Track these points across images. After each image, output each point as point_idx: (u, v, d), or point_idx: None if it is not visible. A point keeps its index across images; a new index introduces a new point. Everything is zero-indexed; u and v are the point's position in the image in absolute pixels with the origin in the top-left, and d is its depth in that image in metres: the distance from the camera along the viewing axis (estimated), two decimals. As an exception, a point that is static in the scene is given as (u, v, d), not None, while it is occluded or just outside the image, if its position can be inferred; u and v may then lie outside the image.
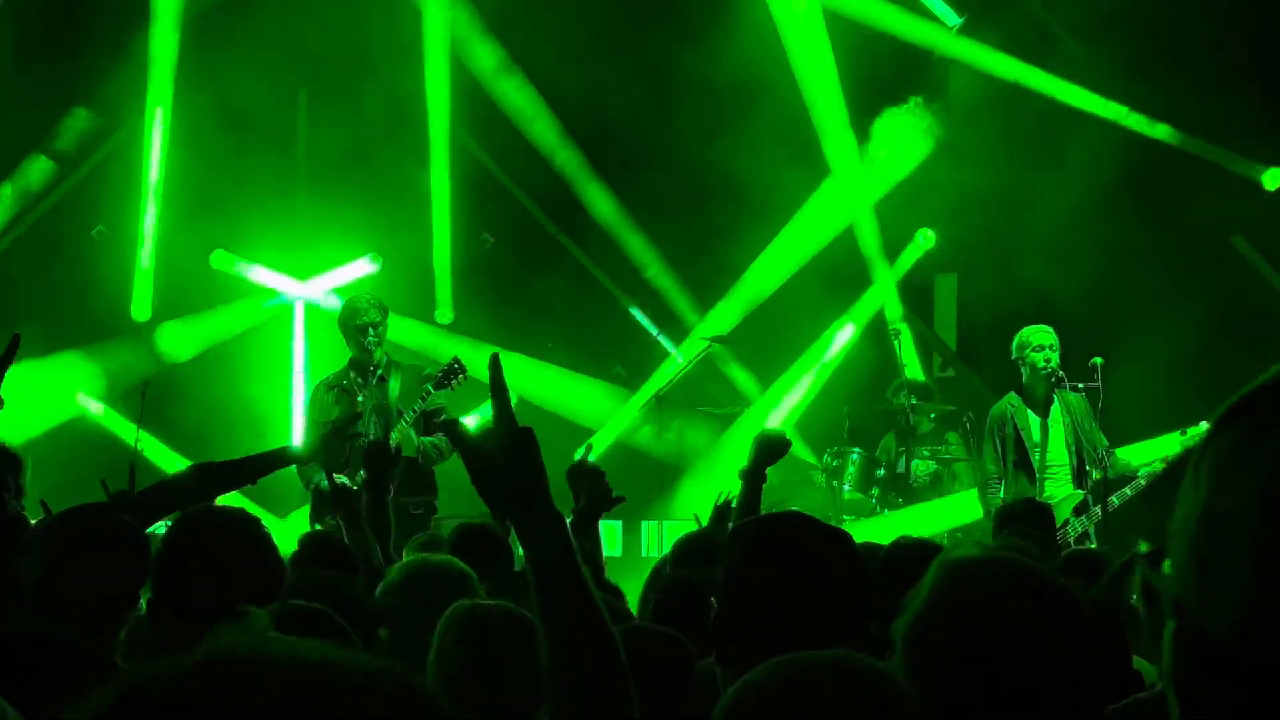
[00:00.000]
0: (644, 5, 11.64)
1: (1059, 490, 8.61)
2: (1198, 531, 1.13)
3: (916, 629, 2.23)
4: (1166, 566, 1.19)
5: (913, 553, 4.00)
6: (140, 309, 11.36)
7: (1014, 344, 8.86)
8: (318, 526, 7.91)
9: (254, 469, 5.72)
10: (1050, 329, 8.73)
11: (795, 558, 2.66)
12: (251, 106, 11.33)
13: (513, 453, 2.60)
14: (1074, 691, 2.26)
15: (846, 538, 2.84)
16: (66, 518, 3.76)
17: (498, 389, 2.62)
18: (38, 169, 11.63)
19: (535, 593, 2.52)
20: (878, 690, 1.93)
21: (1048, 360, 8.47)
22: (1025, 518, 6.50)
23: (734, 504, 5.44)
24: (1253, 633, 1.07)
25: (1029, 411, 8.71)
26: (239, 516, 3.75)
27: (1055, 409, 8.66)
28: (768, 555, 2.70)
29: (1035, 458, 8.72)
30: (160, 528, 5.45)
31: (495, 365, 2.65)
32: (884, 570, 3.74)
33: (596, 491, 5.09)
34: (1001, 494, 8.48)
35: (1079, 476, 8.61)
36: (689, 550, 5.32)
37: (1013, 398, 8.75)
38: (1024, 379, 8.73)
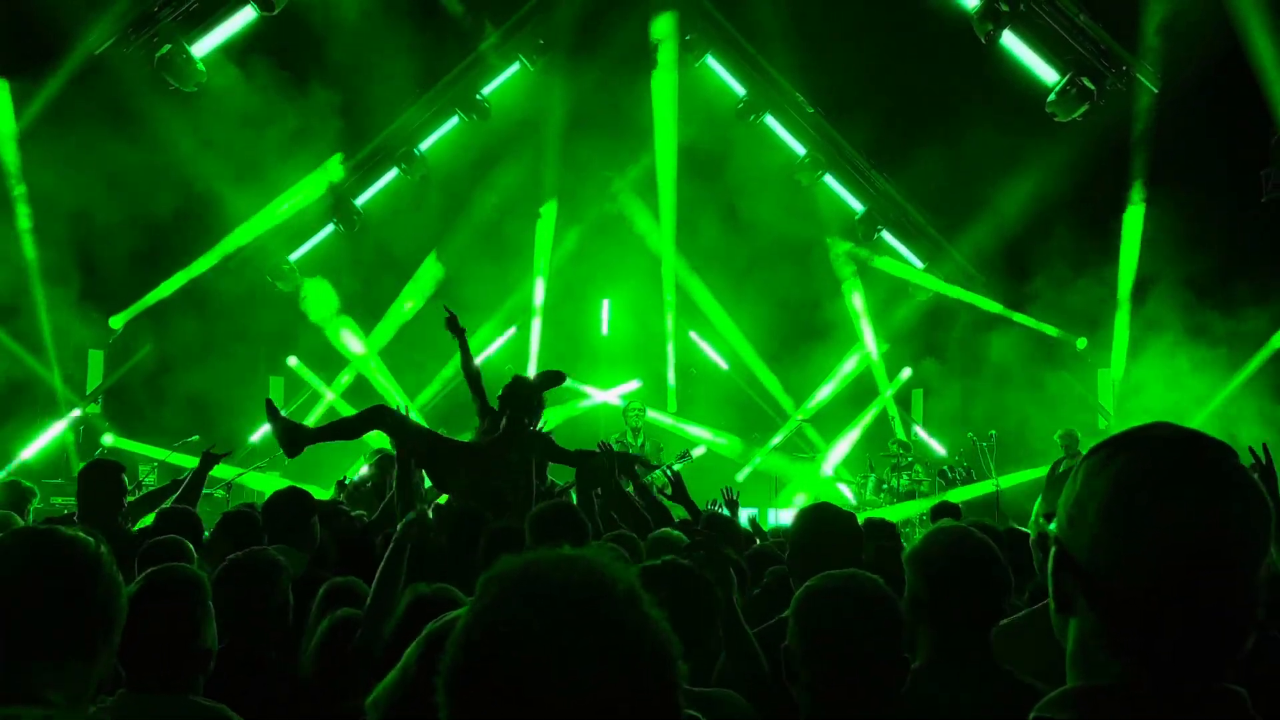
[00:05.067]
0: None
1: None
2: (1072, 504, 1.44)
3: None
4: (1053, 525, 1.49)
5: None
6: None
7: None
8: None
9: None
10: None
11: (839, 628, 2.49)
12: (580, 308, 15.91)
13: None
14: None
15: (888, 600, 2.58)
16: None
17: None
18: (490, 328, 15.82)
19: None
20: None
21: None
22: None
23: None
24: (1094, 557, 1.39)
25: None
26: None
27: None
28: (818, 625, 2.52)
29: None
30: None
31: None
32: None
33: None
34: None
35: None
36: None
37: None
38: None
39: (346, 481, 7.90)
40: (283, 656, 3.62)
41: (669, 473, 8.13)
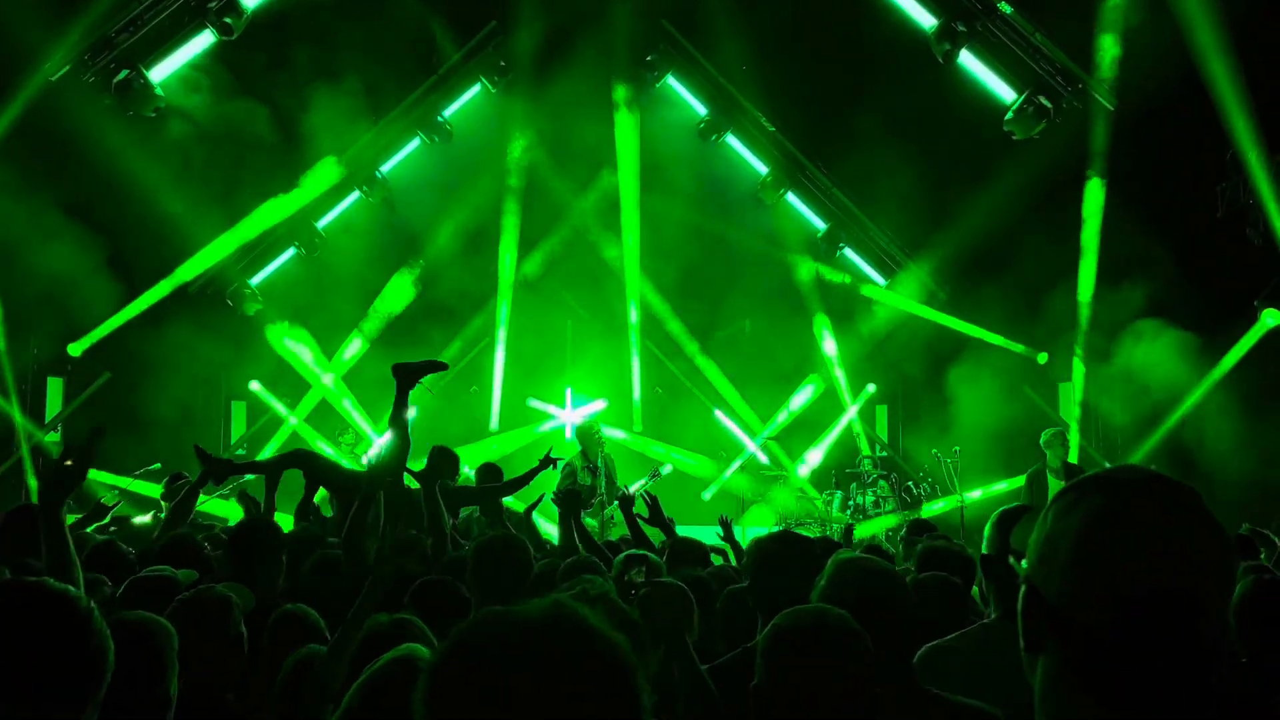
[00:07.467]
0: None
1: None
2: (1043, 544, 1.47)
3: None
4: (1024, 563, 1.50)
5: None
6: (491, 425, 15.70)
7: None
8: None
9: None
10: None
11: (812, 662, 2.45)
12: (544, 329, 15.69)
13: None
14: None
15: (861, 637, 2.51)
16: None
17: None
18: (455, 349, 15.54)
19: None
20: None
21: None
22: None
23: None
24: (1065, 596, 1.42)
25: None
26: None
27: None
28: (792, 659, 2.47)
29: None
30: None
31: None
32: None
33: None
34: None
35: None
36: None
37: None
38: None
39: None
40: (240, 696, 3.52)
41: (645, 495, 8.09)
